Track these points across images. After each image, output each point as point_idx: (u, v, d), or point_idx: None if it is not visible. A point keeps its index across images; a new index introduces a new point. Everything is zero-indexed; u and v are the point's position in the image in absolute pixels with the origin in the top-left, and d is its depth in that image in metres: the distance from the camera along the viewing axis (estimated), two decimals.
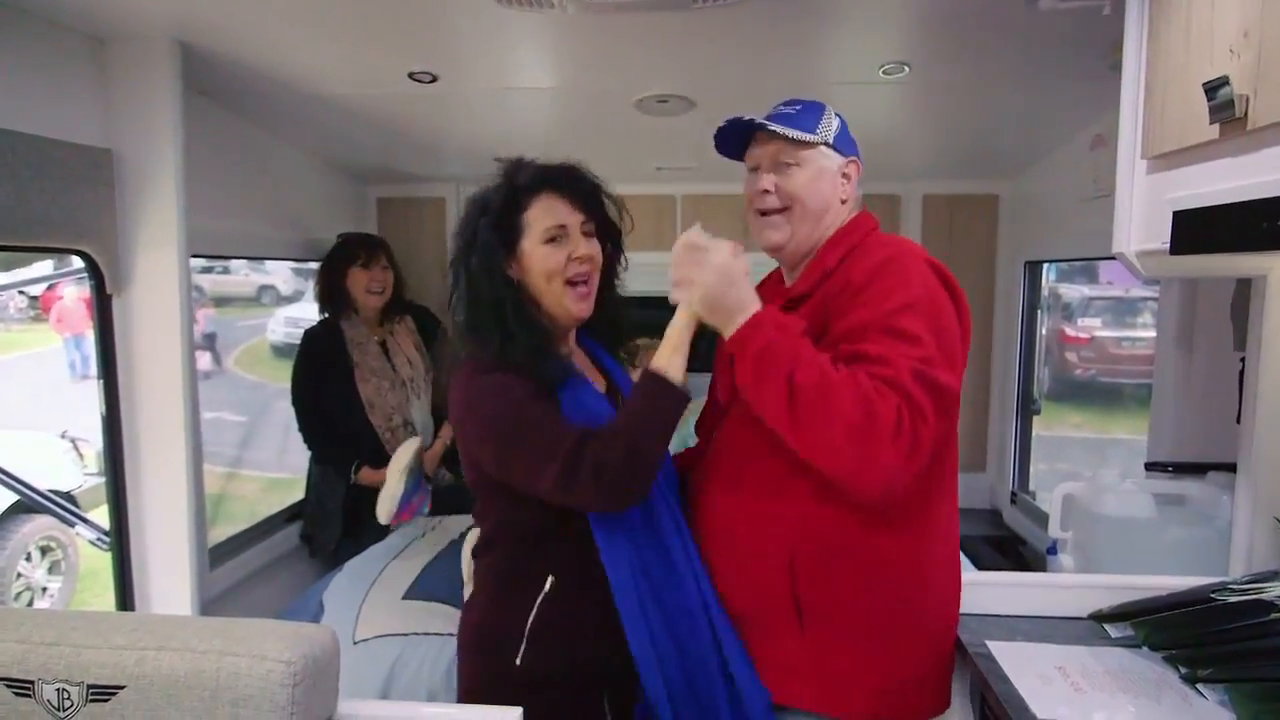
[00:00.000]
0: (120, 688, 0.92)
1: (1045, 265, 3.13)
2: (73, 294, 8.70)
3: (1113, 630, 1.44)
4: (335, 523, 2.63)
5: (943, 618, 1.38)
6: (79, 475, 4.31)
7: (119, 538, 1.98)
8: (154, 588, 1.99)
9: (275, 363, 8.55)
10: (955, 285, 1.29)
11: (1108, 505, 2.05)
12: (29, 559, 4.10)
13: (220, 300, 9.95)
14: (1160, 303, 2.35)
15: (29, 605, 4.06)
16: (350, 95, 2.30)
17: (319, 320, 2.75)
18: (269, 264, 8.67)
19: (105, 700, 0.92)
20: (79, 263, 1.89)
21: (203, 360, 7.64)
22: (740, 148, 1.45)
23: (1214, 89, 1.12)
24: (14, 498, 3.85)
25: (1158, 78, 1.34)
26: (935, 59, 2.06)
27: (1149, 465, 2.20)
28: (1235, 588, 1.27)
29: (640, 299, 1.55)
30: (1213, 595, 1.28)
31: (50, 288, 8.91)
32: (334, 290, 2.68)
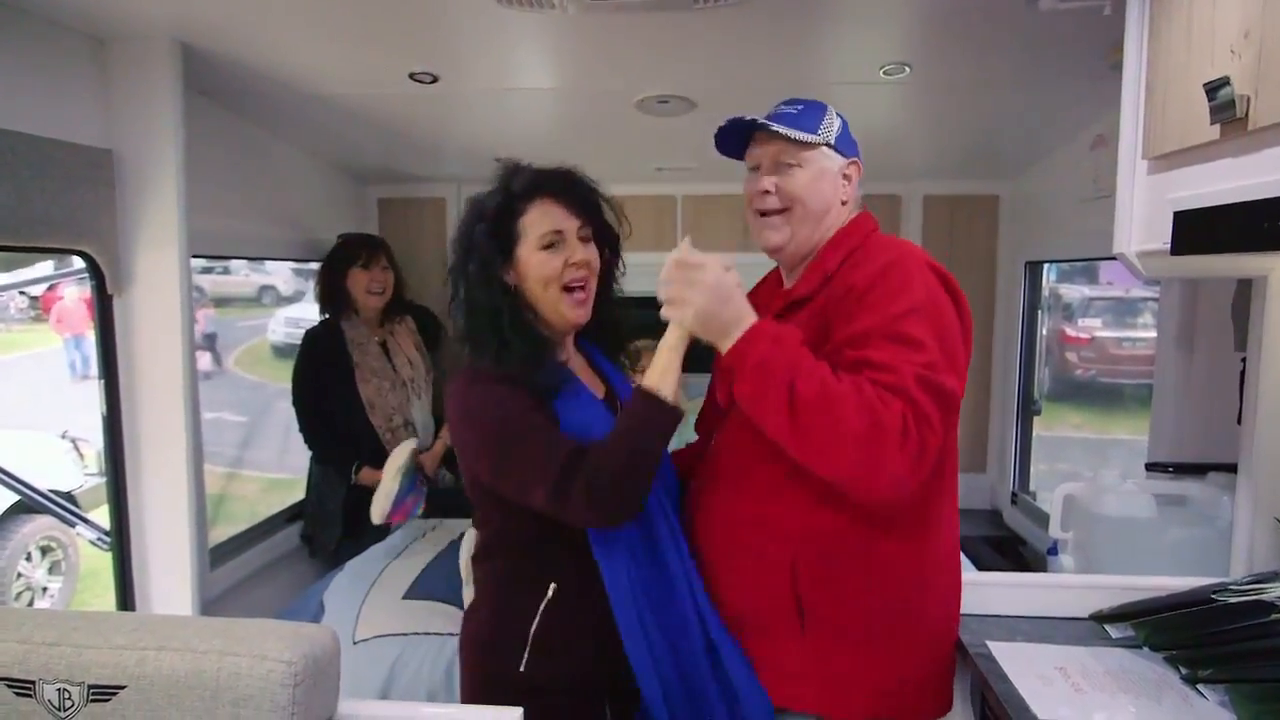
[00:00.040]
0: (121, 688, 0.92)
1: (1046, 265, 3.13)
2: (73, 294, 8.70)
3: (1113, 631, 1.44)
4: (335, 523, 2.63)
5: (944, 619, 1.38)
6: (79, 475, 4.32)
7: (119, 538, 1.98)
8: (154, 588, 2.00)
9: (275, 363, 8.55)
10: (957, 289, 1.29)
11: (1108, 506, 2.05)
12: (29, 559, 4.10)
13: (220, 300, 9.95)
14: (1161, 303, 2.35)
15: (29, 605, 4.06)
16: (351, 95, 2.30)
17: (319, 321, 2.75)
18: (269, 264, 8.67)
19: (106, 700, 0.92)
20: (79, 263, 1.89)
21: (203, 360, 7.64)
22: (741, 147, 1.44)
23: (1215, 89, 1.12)
24: (14, 498, 3.85)
25: (1158, 78, 1.34)
26: (936, 59, 2.06)
27: (1149, 466, 2.20)
28: (1236, 588, 1.27)
29: (640, 299, 1.55)
30: (1213, 596, 1.28)
31: (50, 288, 8.92)
32: (334, 291, 2.68)
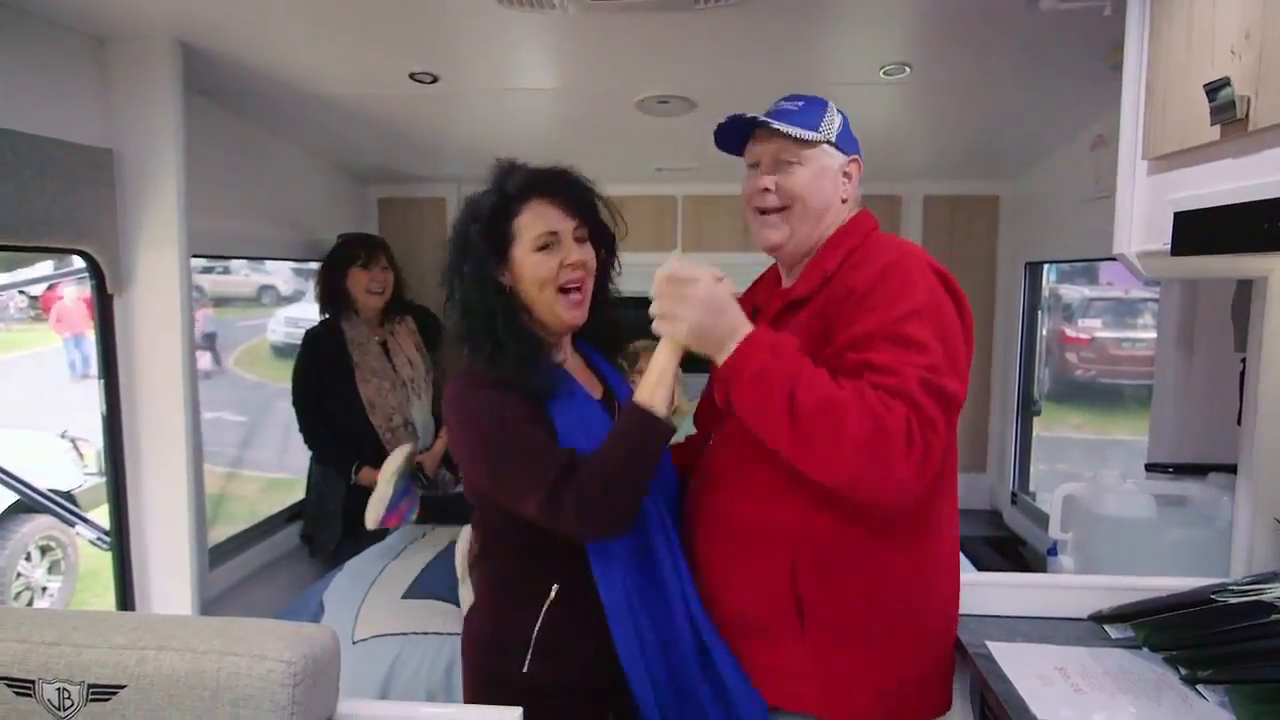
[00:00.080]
0: (121, 687, 0.92)
1: (1046, 266, 3.13)
2: (72, 294, 8.70)
3: (1113, 631, 1.44)
4: (335, 523, 2.63)
5: (943, 618, 1.38)
6: (79, 475, 4.32)
7: (119, 537, 1.98)
8: (154, 587, 2.00)
9: (275, 363, 8.56)
10: (958, 290, 1.28)
11: (1108, 506, 2.05)
12: (29, 558, 4.10)
13: (220, 300, 9.96)
14: (1161, 304, 2.35)
15: (29, 605, 4.06)
16: (351, 95, 2.30)
17: (319, 321, 2.75)
18: (269, 264, 8.68)
19: (106, 700, 0.92)
20: (79, 262, 1.89)
21: (203, 360, 7.65)
22: (740, 143, 1.42)
23: (1215, 90, 1.12)
24: (14, 497, 3.85)
25: (1159, 78, 1.34)
26: (936, 59, 2.06)
27: (1149, 466, 2.20)
28: (1235, 589, 1.27)
29: (639, 300, 1.55)
30: (1213, 596, 1.28)
31: (50, 287, 8.92)
32: (334, 291, 2.68)
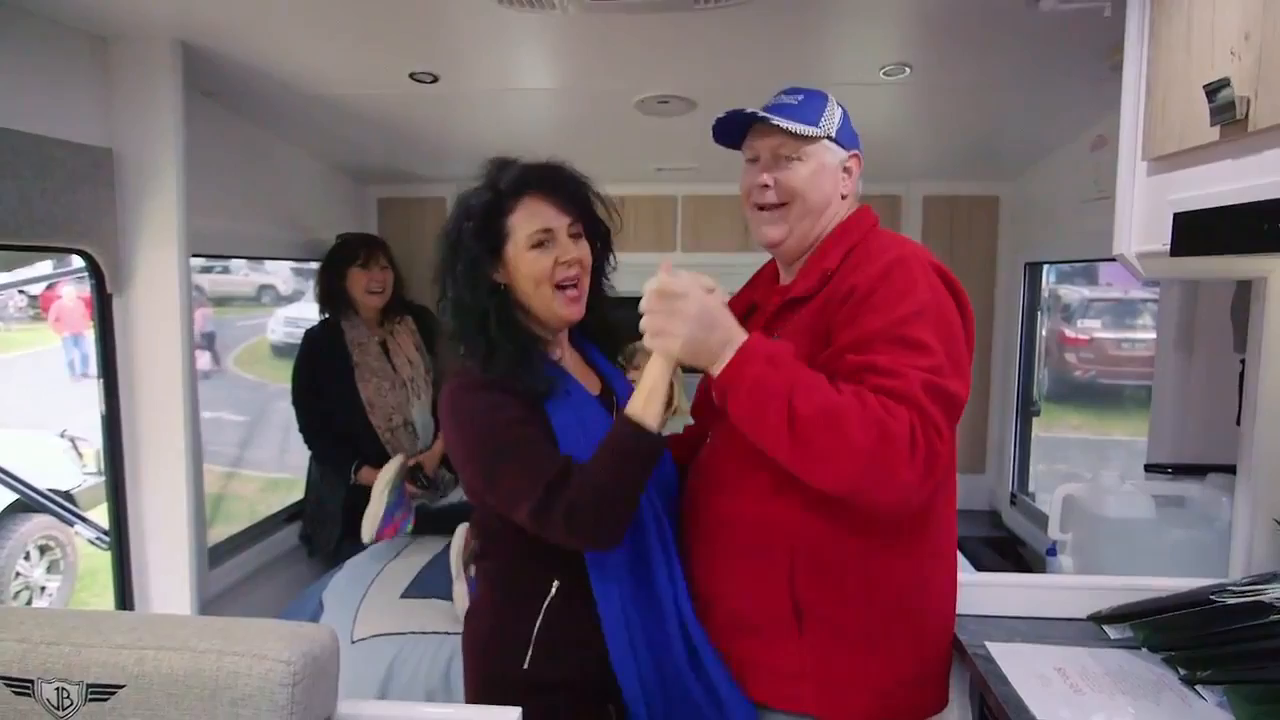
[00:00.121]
0: (120, 687, 0.92)
1: (1045, 266, 3.13)
2: (71, 293, 8.70)
3: (1112, 631, 1.44)
4: (335, 523, 2.63)
5: (941, 617, 1.38)
6: (78, 474, 4.31)
7: (118, 537, 1.98)
8: (153, 587, 1.99)
9: (275, 362, 8.56)
10: (960, 289, 1.27)
11: (1107, 507, 2.05)
12: (28, 558, 4.10)
13: (220, 300, 9.96)
14: (1160, 304, 2.35)
15: (27, 604, 4.06)
16: (351, 95, 2.30)
17: (319, 320, 2.75)
18: (269, 264, 8.69)
19: (105, 699, 0.92)
20: (79, 262, 1.89)
21: (202, 360, 7.65)
22: (739, 137, 1.40)
23: (1215, 91, 1.12)
24: (13, 496, 3.85)
25: (1158, 79, 1.34)
26: (936, 60, 2.06)
27: (1149, 467, 2.20)
28: (1234, 589, 1.27)
29: (639, 299, 1.54)
30: (1212, 597, 1.28)
31: (49, 287, 8.92)
32: (334, 290, 2.68)
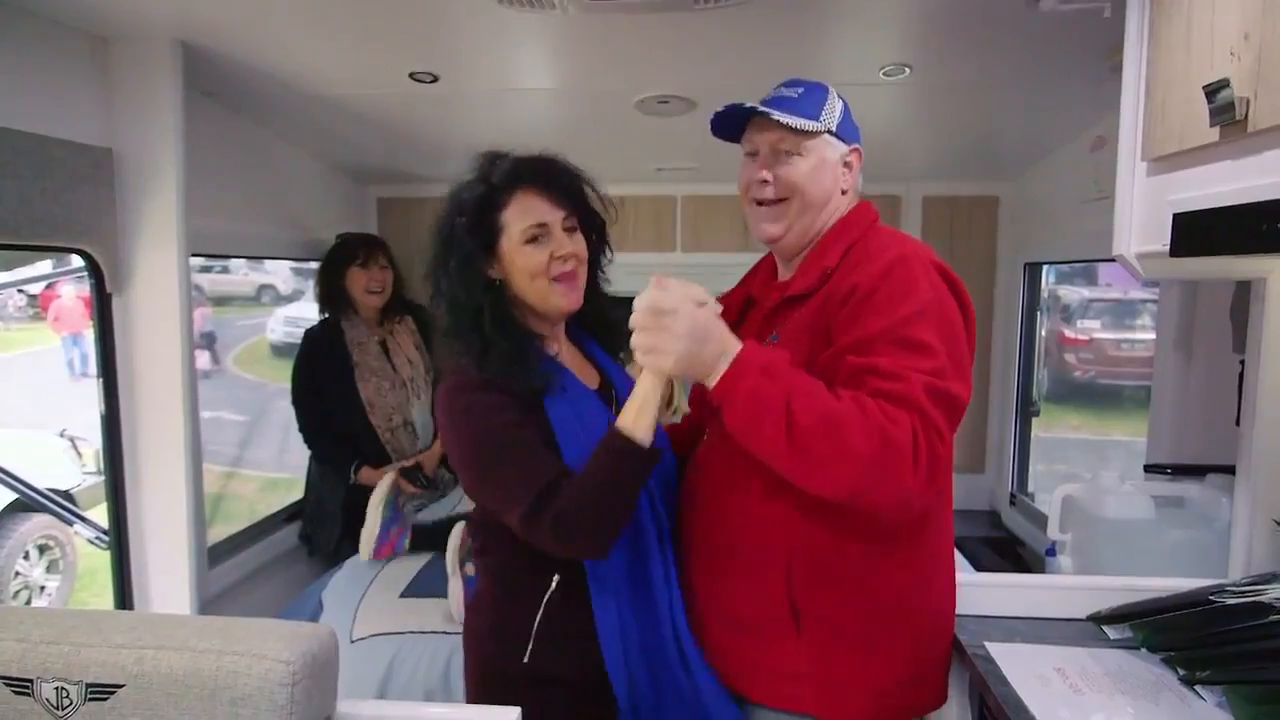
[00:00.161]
0: (119, 686, 0.92)
1: (1045, 267, 3.13)
2: (70, 293, 8.70)
3: (1111, 632, 1.44)
4: (334, 523, 2.63)
5: (940, 616, 1.37)
6: (78, 474, 4.31)
7: (118, 536, 1.98)
8: (153, 587, 2.00)
9: (274, 362, 8.56)
10: (961, 288, 1.25)
11: (1107, 507, 2.05)
12: (27, 557, 4.10)
13: (219, 299, 9.96)
14: (1160, 305, 2.36)
15: (27, 604, 4.06)
16: (351, 95, 2.30)
17: (319, 320, 2.75)
18: (268, 263, 8.68)
19: (104, 699, 0.92)
20: (78, 261, 1.89)
21: (201, 359, 7.64)
22: (737, 130, 1.38)
23: (1214, 91, 1.12)
24: (13, 496, 3.85)
25: (1158, 80, 1.34)
26: (936, 60, 2.06)
27: (1148, 467, 2.20)
28: (1234, 590, 1.27)
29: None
30: (1211, 597, 1.27)
31: (49, 286, 8.92)
32: (334, 290, 2.68)
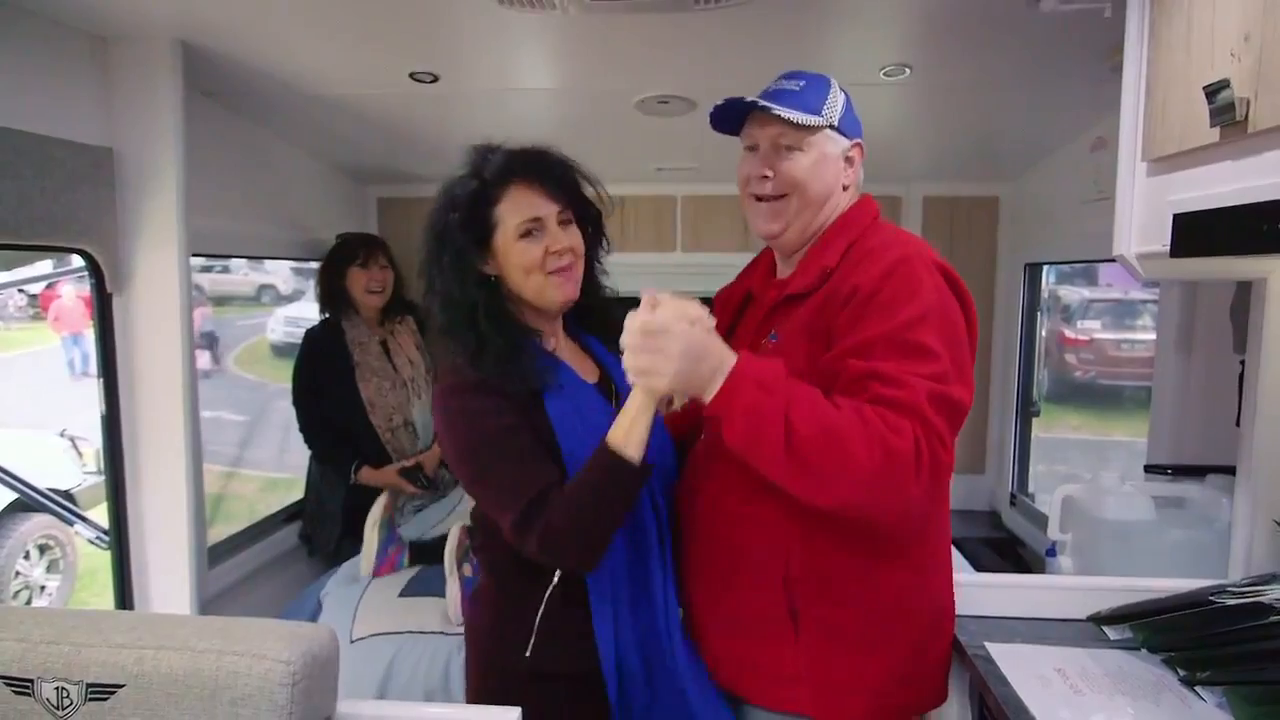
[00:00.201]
0: (119, 686, 0.92)
1: (1045, 267, 3.13)
2: (70, 293, 8.70)
3: (1111, 632, 1.44)
4: (335, 523, 2.63)
5: (939, 617, 1.37)
6: (78, 474, 4.31)
7: (118, 536, 1.98)
8: (153, 587, 1.99)
9: (275, 362, 8.57)
10: (963, 289, 1.24)
11: (1107, 507, 2.05)
12: (27, 557, 4.10)
13: (219, 299, 9.96)
14: (1160, 305, 2.36)
15: (27, 604, 4.06)
16: (351, 95, 2.30)
17: (320, 320, 2.75)
18: (268, 263, 8.69)
19: (104, 699, 0.92)
20: (78, 261, 1.89)
21: (201, 359, 7.65)
22: (737, 124, 1.36)
23: (1215, 92, 1.12)
24: (13, 496, 3.85)
25: (1158, 80, 1.34)
26: (936, 61, 2.06)
27: (1148, 468, 2.20)
28: (1234, 590, 1.27)
29: (639, 300, 1.54)
30: (1211, 598, 1.28)
31: (49, 286, 8.92)
32: (334, 290, 2.68)
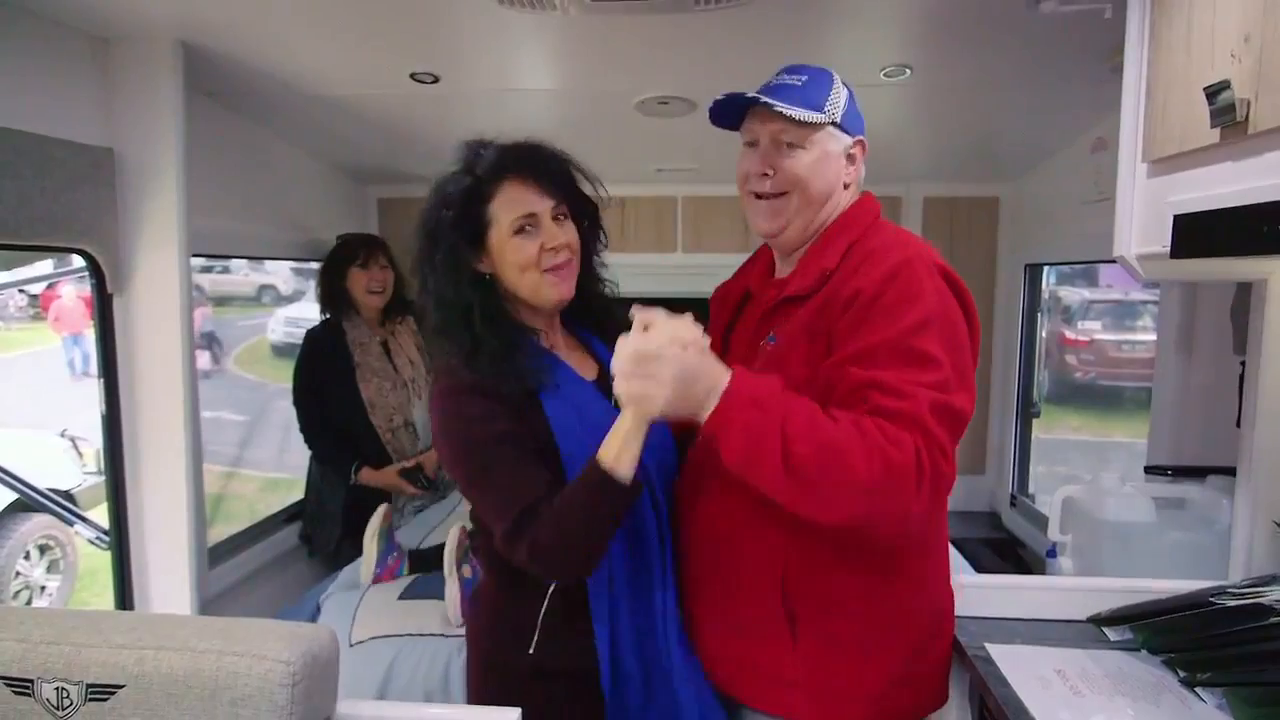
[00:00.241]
0: (119, 687, 0.92)
1: (1045, 268, 3.13)
2: (71, 293, 8.71)
3: (1112, 633, 1.44)
4: (335, 523, 2.63)
5: (937, 619, 1.36)
6: (78, 474, 4.31)
7: (118, 537, 1.98)
8: (153, 587, 2.00)
9: (275, 362, 8.56)
10: (964, 291, 1.22)
11: (1107, 508, 2.05)
12: (27, 557, 4.10)
13: (220, 299, 9.96)
14: (1160, 306, 2.36)
15: (27, 604, 4.06)
16: (352, 96, 2.30)
17: (320, 321, 2.75)
18: (269, 264, 8.68)
19: (104, 699, 0.92)
20: (79, 261, 1.89)
21: (202, 359, 7.65)
22: (737, 118, 1.33)
23: (1215, 93, 1.12)
24: (13, 496, 3.85)
25: (1159, 81, 1.34)
26: (937, 61, 2.06)
27: (1149, 469, 2.20)
28: (1234, 591, 1.27)
29: (642, 300, 1.54)
30: (1212, 599, 1.28)
31: (50, 286, 8.92)
32: (335, 291, 2.68)
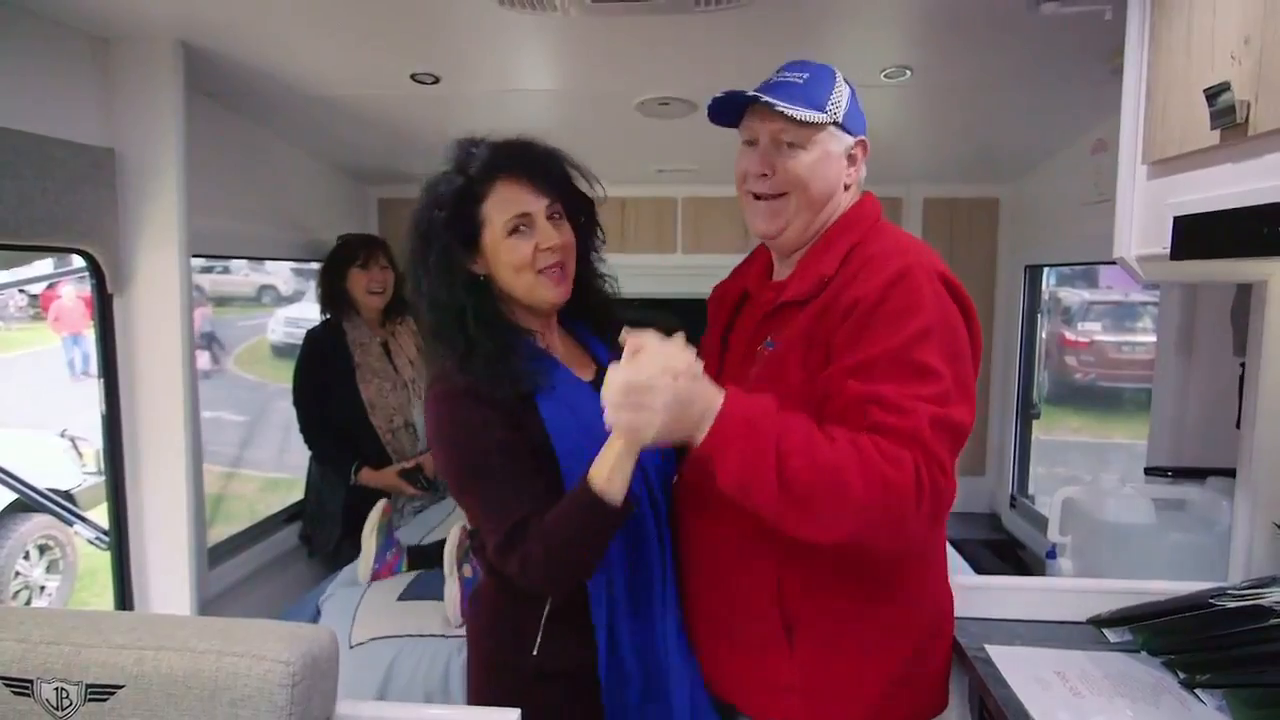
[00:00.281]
0: (119, 687, 0.92)
1: (1045, 269, 3.13)
2: (71, 293, 8.71)
3: (1111, 635, 1.44)
4: (335, 523, 2.63)
5: (936, 623, 1.35)
6: (78, 474, 4.31)
7: (118, 537, 1.98)
8: (153, 587, 1.99)
9: (275, 362, 8.57)
10: (965, 299, 1.20)
11: (1107, 510, 2.05)
12: (27, 557, 4.10)
13: (220, 300, 9.97)
14: (1160, 307, 2.36)
15: (27, 604, 4.06)
16: (352, 96, 2.30)
17: (321, 321, 2.75)
18: (269, 264, 8.69)
19: (104, 700, 0.92)
20: (79, 261, 1.89)
21: (202, 359, 7.65)
22: (736, 116, 1.30)
23: (1215, 95, 1.12)
24: (13, 496, 3.85)
25: (1159, 83, 1.34)
26: (937, 63, 2.06)
27: (1148, 470, 2.20)
28: (1234, 593, 1.27)
29: (642, 301, 1.54)
30: (1211, 600, 1.28)
31: (50, 286, 8.93)
32: (335, 291, 2.68)
